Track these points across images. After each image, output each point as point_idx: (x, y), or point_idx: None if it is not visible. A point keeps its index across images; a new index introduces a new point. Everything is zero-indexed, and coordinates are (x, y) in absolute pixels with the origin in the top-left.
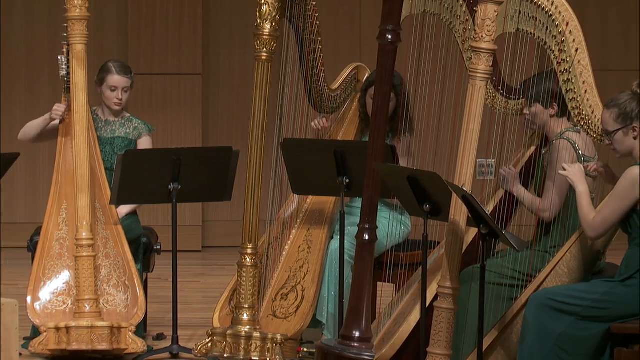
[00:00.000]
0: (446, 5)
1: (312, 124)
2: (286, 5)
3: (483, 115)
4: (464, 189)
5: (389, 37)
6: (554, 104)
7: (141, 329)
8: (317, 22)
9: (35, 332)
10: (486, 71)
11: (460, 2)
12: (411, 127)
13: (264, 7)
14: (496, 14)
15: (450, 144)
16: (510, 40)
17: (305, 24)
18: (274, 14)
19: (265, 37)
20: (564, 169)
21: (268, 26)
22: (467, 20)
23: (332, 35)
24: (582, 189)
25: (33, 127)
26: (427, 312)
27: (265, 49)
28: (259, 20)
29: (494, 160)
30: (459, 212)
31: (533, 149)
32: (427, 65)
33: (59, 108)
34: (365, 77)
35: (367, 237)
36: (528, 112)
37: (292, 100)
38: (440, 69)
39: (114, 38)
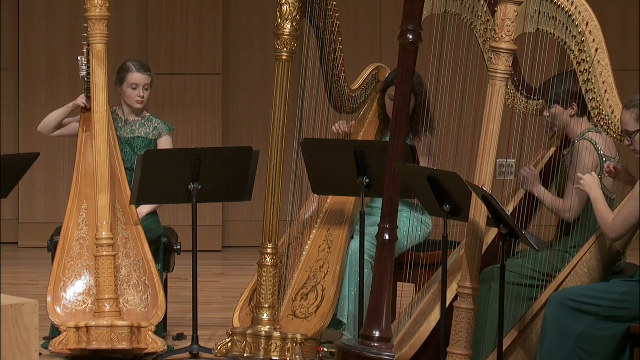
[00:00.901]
0: (467, 5)
1: (333, 128)
2: (307, 5)
3: (503, 116)
4: (484, 189)
5: (410, 36)
6: (573, 103)
7: (161, 329)
8: (338, 22)
9: (55, 331)
10: (506, 71)
11: (482, 2)
12: (431, 127)
13: (285, 7)
14: (516, 14)
15: (470, 144)
16: (530, 41)
17: (325, 24)
18: (294, 13)
19: (285, 37)
20: (581, 181)
21: (289, 26)
22: (488, 20)
23: (352, 35)
24: (595, 194)
25: (54, 116)
26: (447, 312)
27: (285, 49)
28: (279, 20)
29: (514, 160)
30: (479, 212)
31: (553, 149)
32: (448, 66)
33: (82, 96)
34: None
35: (387, 237)
36: (548, 114)
37: (312, 101)
38: (461, 69)
39: (134, 38)
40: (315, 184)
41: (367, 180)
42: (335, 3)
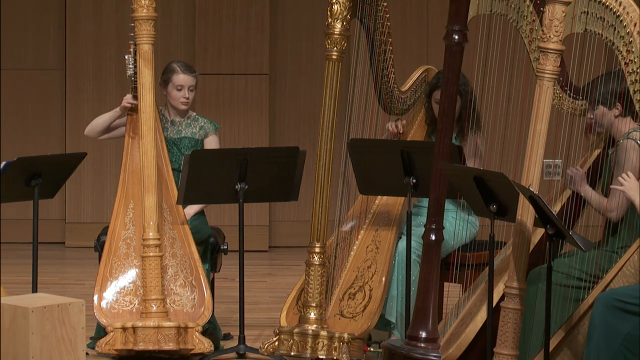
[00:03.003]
0: (513, 5)
1: (388, 125)
2: (357, 5)
3: (550, 116)
4: (531, 189)
5: (456, 37)
6: (618, 104)
7: (218, 328)
8: (388, 23)
9: (100, 331)
10: (554, 71)
11: (527, 3)
12: (478, 126)
13: (335, 6)
14: (564, 14)
15: (517, 144)
16: (578, 41)
17: (376, 24)
18: (345, 13)
19: (336, 36)
20: (620, 183)
21: (339, 25)
22: (533, 20)
23: (399, 36)
24: (638, 199)
25: (101, 121)
26: (494, 313)
27: (335, 48)
28: (330, 20)
29: (561, 160)
30: (526, 212)
31: (600, 149)
32: (494, 66)
33: (129, 96)
34: None
35: (433, 238)
36: (592, 115)
37: (361, 101)
38: (507, 70)
39: (181, 38)
40: (362, 184)
41: (414, 181)
42: (385, 4)
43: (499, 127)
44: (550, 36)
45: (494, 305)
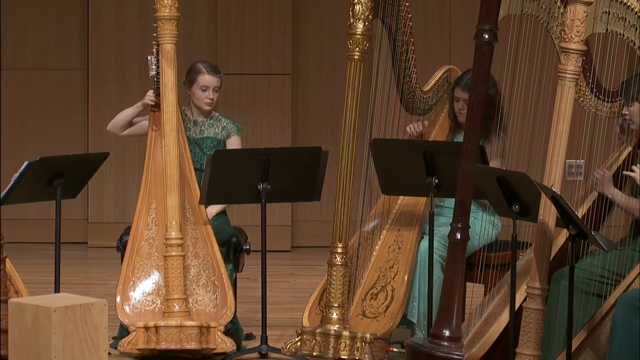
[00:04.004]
0: (543, 6)
1: (407, 128)
2: (379, 5)
3: (574, 116)
4: (553, 189)
5: (486, 36)
6: None
7: (240, 328)
8: (410, 24)
9: (123, 331)
10: (575, 72)
11: (558, 4)
12: (503, 127)
13: (357, 6)
14: (585, 14)
15: (544, 145)
16: (600, 41)
17: (397, 24)
18: (366, 13)
19: (358, 36)
20: (633, 171)
21: (361, 25)
22: (564, 21)
23: (421, 36)
24: None
25: (124, 116)
26: (517, 313)
27: (357, 49)
28: (352, 20)
29: (583, 161)
30: (548, 212)
31: (628, 150)
32: (523, 66)
33: (151, 93)
34: None
35: (459, 237)
36: (627, 112)
37: (383, 101)
38: (536, 70)
39: (203, 38)
40: (385, 184)
41: (436, 181)
42: (407, 4)
43: (527, 128)
44: (571, 36)
45: (518, 306)
